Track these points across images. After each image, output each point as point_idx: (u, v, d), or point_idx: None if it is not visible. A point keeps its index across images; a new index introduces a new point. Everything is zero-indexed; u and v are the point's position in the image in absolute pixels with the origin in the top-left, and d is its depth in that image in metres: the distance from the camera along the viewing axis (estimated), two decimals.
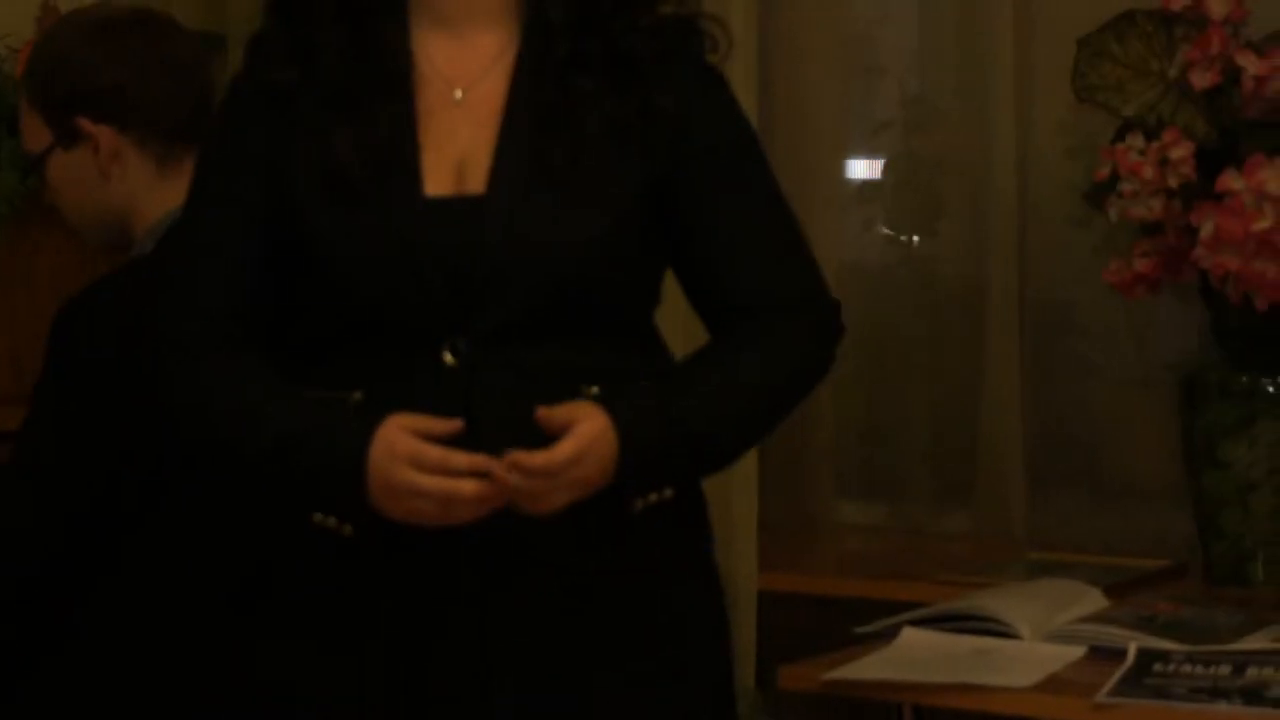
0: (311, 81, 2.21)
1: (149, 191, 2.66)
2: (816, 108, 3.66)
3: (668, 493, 2.19)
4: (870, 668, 2.63)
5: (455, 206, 2.19)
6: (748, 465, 3.37)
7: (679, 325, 2.44)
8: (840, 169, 3.72)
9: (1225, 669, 2.52)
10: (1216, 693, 2.46)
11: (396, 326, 2.17)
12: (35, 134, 2.71)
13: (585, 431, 2.10)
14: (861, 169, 3.75)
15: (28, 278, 3.08)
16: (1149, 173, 2.98)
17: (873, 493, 3.67)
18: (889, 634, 2.76)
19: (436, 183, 2.19)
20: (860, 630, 2.79)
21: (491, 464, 2.08)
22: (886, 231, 3.68)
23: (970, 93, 3.53)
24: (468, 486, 2.09)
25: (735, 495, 3.35)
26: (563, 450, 2.09)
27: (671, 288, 2.34)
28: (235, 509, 2.43)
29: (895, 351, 3.63)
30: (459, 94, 2.23)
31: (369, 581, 2.19)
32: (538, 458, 2.08)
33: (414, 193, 2.18)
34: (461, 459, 2.08)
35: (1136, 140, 3.02)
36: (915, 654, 2.67)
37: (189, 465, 2.40)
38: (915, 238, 3.67)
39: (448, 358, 2.15)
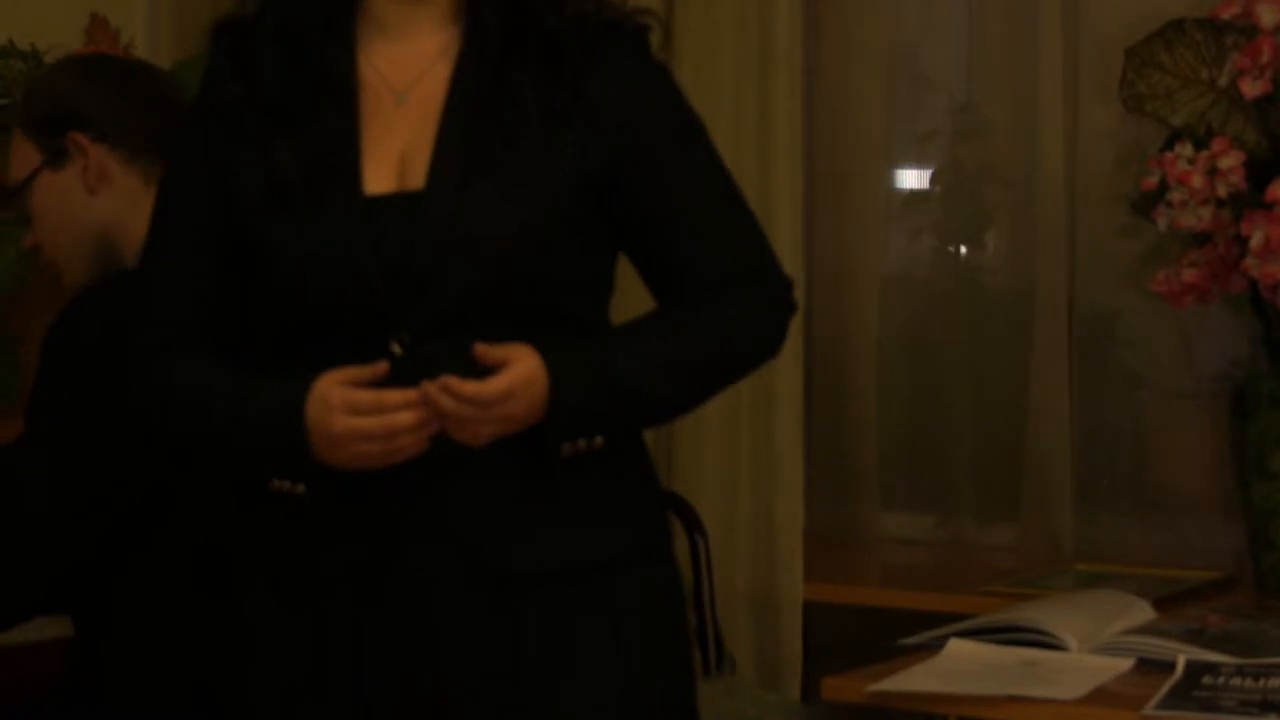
0: (254, 97, 2.32)
1: (135, 209, 2.72)
2: (864, 118, 3.65)
3: (598, 440, 2.26)
4: (916, 679, 2.61)
5: (395, 203, 2.27)
6: (792, 475, 3.38)
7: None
8: (887, 179, 3.72)
9: (1275, 682, 2.50)
10: (1267, 706, 2.44)
11: (344, 323, 2.26)
12: (24, 158, 2.82)
13: (519, 370, 2.19)
14: (909, 179, 3.75)
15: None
16: (1198, 182, 2.97)
17: (919, 504, 3.66)
18: (935, 645, 2.74)
19: (377, 181, 2.28)
20: (906, 642, 2.78)
21: (424, 389, 2.17)
22: (933, 242, 3.67)
23: (1018, 102, 3.52)
24: (404, 416, 2.18)
25: (779, 506, 3.35)
26: (495, 383, 2.18)
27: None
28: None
29: (942, 362, 3.62)
30: (400, 96, 2.31)
31: (324, 537, 2.28)
32: (469, 385, 2.17)
33: (354, 193, 2.27)
34: (394, 395, 2.18)
35: (1185, 149, 3.00)
36: (961, 666, 2.66)
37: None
38: (963, 248, 3.66)
39: (396, 349, 2.23)
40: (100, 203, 2.78)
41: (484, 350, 2.19)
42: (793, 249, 3.40)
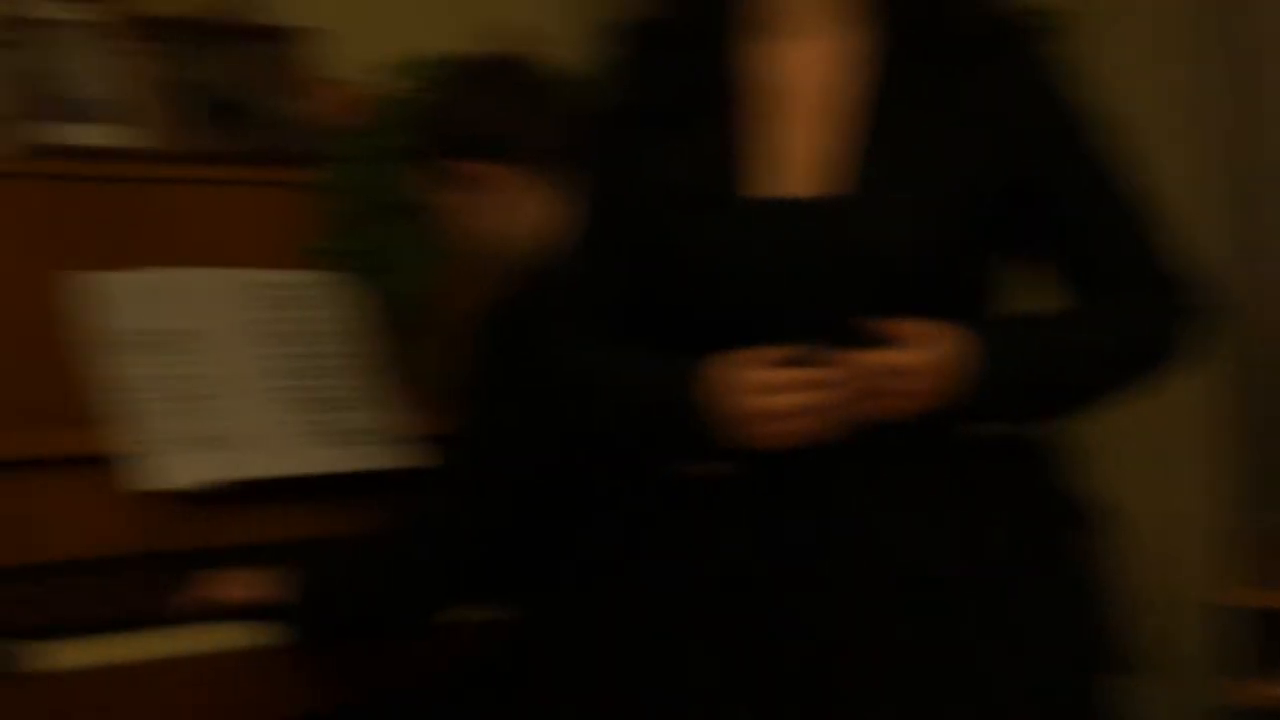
0: (656, 101, 2.38)
1: (543, 215, 2.98)
2: None
3: (993, 427, 2.29)
4: None
5: (796, 206, 2.29)
6: (1197, 473, 3.33)
7: None
8: None
9: None
10: None
11: (745, 322, 2.29)
12: (428, 183, 3.06)
13: (948, 342, 2.21)
14: None
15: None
16: None
17: None
18: None
19: (776, 184, 2.30)
20: None
21: (845, 361, 2.18)
22: None
23: None
24: (819, 393, 2.19)
25: (1183, 504, 3.29)
26: (927, 352, 2.20)
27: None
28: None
29: None
30: (793, 99, 2.33)
31: (739, 523, 2.31)
32: (902, 354, 2.19)
33: (752, 196, 2.31)
34: (807, 371, 2.20)
35: None
36: None
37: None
38: None
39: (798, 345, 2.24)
40: (510, 214, 2.99)
41: (899, 327, 2.20)
42: (1219, 243, 3.32)
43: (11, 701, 2.68)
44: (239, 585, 2.96)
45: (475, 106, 3.03)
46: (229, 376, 3.21)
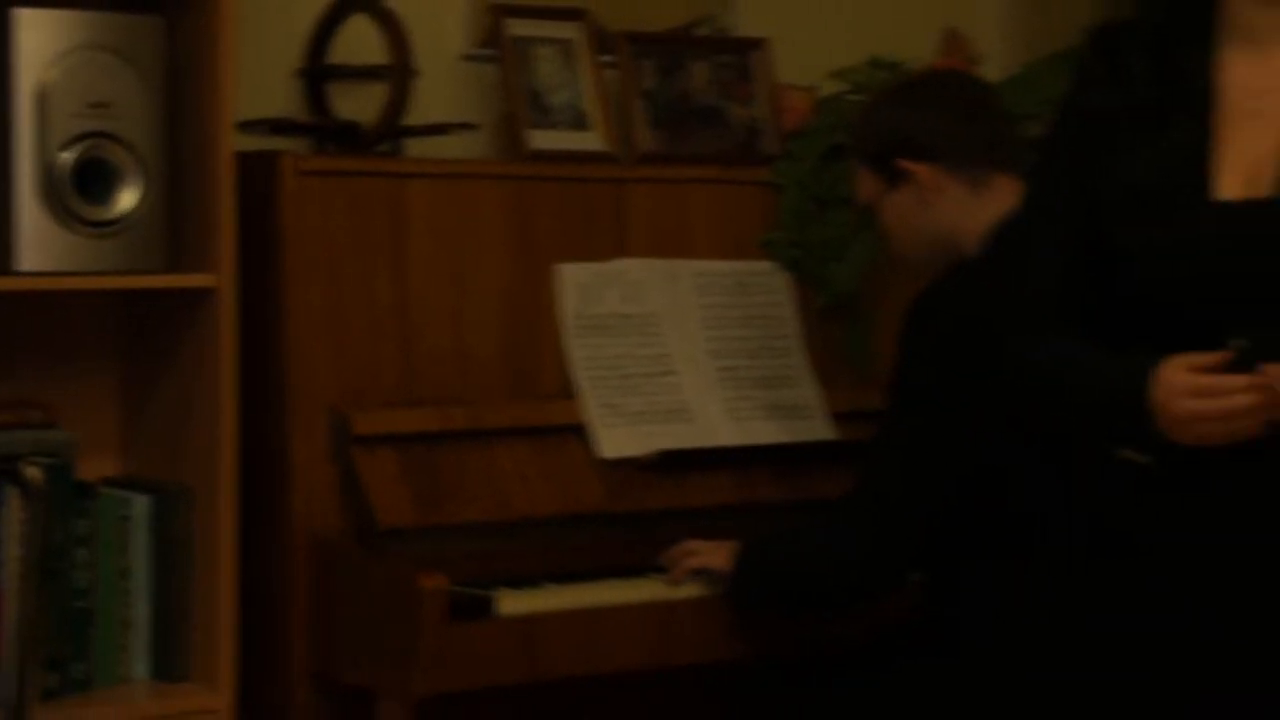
0: (1122, 103, 2.47)
1: (966, 211, 3.18)
2: None
3: None
4: None
5: (1245, 209, 2.39)
6: None
7: None
8: None
9: None
10: None
11: (1187, 320, 2.40)
12: (866, 184, 3.27)
13: None
14: None
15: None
16: None
17: None
18: None
19: (1229, 188, 2.40)
20: None
21: (1269, 373, 2.29)
22: None
23: None
24: (1241, 399, 2.31)
25: None
26: None
27: None
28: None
29: None
30: (1256, 105, 2.43)
31: (1164, 509, 2.44)
32: None
33: (1205, 199, 2.40)
34: (1234, 379, 2.32)
35: None
36: None
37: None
38: None
39: (1239, 343, 2.34)
40: (935, 212, 3.20)
41: None
42: None
43: (486, 640, 3.07)
44: (704, 554, 3.26)
45: (893, 111, 3.24)
46: (684, 356, 3.53)
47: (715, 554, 3.24)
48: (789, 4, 4.02)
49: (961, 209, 3.19)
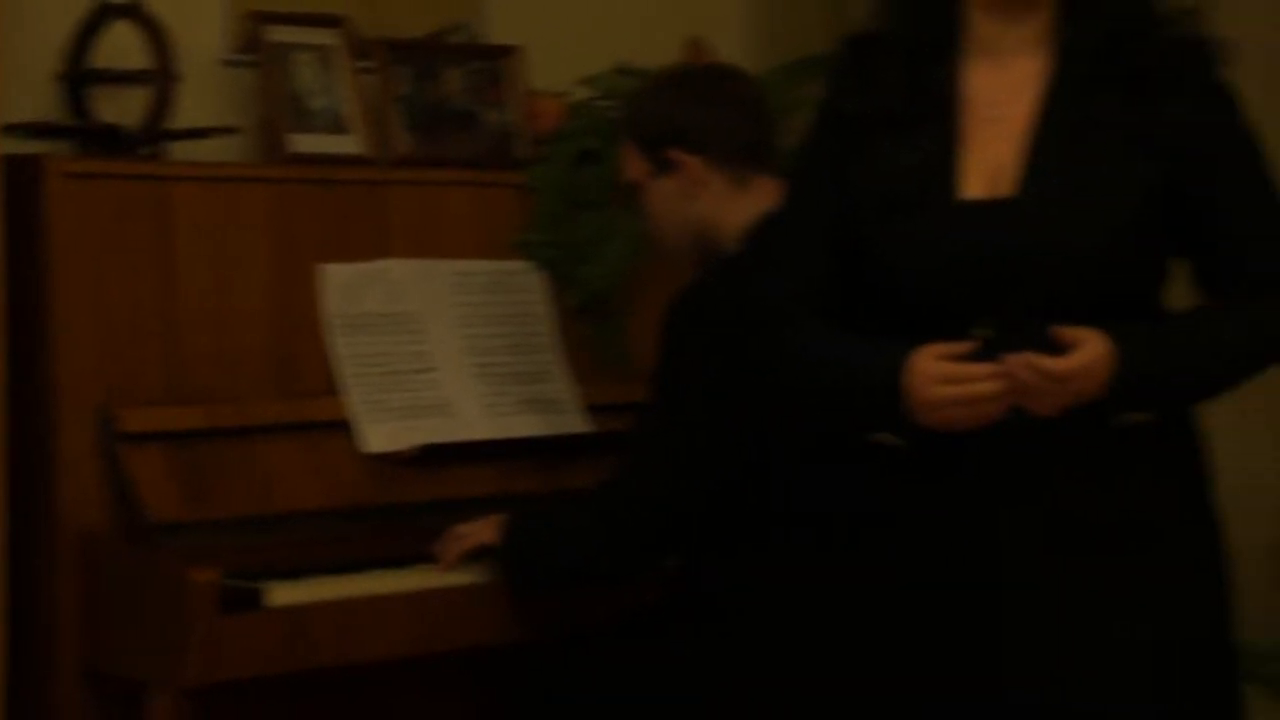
0: (872, 109, 2.62)
1: (729, 207, 3.25)
2: None
3: (1142, 416, 2.52)
4: None
5: (987, 208, 2.55)
6: None
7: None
8: None
9: None
10: None
11: (936, 311, 2.56)
12: (633, 165, 3.33)
13: (1092, 350, 2.46)
14: None
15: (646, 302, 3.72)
16: None
17: None
18: None
19: (972, 188, 2.56)
20: None
21: (1007, 362, 2.45)
22: None
23: None
24: (986, 386, 2.48)
25: None
26: (1071, 360, 2.45)
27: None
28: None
29: None
30: (995, 112, 2.59)
31: (916, 486, 2.60)
32: (1048, 361, 2.44)
33: (950, 199, 2.56)
34: (981, 367, 2.48)
35: None
36: None
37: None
38: None
39: (983, 333, 2.50)
40: (698, 204, 3.28)
41: (1060, 332, 2.46)
42: None
43: (256, 631, 3.13)
44: (471, 534, 3.32)
45: (672, 100, 3.30)
46: (444, 353, 3.61)
47: (483, 530, 3.32)
48: (539, 12, 4.11)
49: (723, 204, 3.27)
